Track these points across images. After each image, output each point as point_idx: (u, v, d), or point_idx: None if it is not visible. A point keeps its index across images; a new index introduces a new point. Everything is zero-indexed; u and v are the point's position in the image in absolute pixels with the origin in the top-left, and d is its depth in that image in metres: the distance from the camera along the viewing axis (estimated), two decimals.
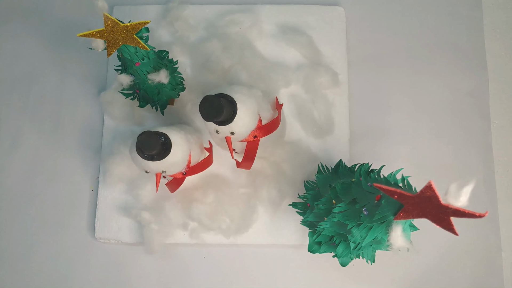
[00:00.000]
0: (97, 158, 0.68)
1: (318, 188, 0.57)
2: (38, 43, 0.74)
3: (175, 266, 0.66)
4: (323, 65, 0.70)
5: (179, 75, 0.64)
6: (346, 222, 0.47)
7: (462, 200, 0.33)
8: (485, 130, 0.70)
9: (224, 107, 0.49)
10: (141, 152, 0.52)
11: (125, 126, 0.69)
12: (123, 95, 0.64)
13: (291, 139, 0.68)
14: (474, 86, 0.71)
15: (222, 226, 0.63)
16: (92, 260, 0.66)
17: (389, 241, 0.42)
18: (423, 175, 0.67)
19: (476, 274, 0.65)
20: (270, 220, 0.65)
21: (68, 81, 0.72)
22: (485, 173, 0.68)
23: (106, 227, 0.65)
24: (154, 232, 0.63)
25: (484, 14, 0.75)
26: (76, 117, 0.71)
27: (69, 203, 0.68)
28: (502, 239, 0.66)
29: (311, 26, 0.72)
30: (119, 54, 0.54)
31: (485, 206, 0.67)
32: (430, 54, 0.72)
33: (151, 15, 0.73)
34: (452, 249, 0.66)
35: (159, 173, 0.56)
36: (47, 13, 0.75)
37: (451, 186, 0.33)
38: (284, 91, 0.69)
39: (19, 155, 0.70)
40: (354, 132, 0.69)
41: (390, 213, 0.40)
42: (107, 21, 0.48)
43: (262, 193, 0.64)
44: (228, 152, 0.64)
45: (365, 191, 0.46)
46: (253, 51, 0.70)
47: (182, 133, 0.56)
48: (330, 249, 0.56)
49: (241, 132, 0.53)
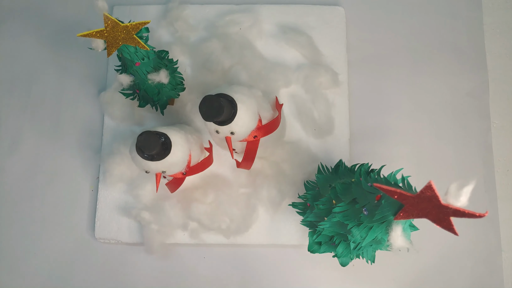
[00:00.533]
0: (97, 158, 0.68)
1: (318, 188, 0.57)
2: (38, 43, 0.74)
3: (175, 266, 0.66)
4: (323, 65, 0.70)
5: (179, 75, 0.64)
6: (346, 222, 0.47)
7: (462, 200, 0.33)
8: (485, 130, 0.70)
9: (224, 107, 0.49)
10: (141, 152, 0.52)
11: (125, 126, 0.69)
12: (123, 95, 0.64)
13: (291, 139, 0.68)
14: (474, 86, 0.71)
15: (222, 226, 0.63)
16: (92, 260, 0.66)
17: (389, 241, 0.42)
18: (423, 175, 0.67)
19: (476, 274, 0.65)
20: (270, 220, 0.65)
21: (68, 81, 0.72)
22: (485, 173, 0.68)
23: (106, 227, 0.65)
24: (154, 232, 0.63)
25: (484, 14, 0.75)
26: (76, 117, 0.71)
27: (69, 203, 0.68)
28: (502, 239, 0.66)
29: (311, 26, 0.72)
30: (119, 54, 0.54)
31: (485, 206, 0.67)
32: (430, 54, 0.72)
33: (151, 15, 0.73)
34: (452, 249, 0.66)
35: (159, 173, 0.56)
36: (47, 13, 0.75)
37: (451, 186, 0.33)
38: (284, 91, 0.69)
39: (19, 155, 0.70)
40: (354, 132, 0.69)
41: (390, 213, 0.40)
42: (107, 21, 0.48)
43: (262, 193, 0.64)
44: (228, 152, 0.64)
45: (365, 191, 0.46)
46: (253, 51, 0.70)
47: (182, 133, 0.56)
48: (330, 249, 0.56)
49: (241, 132, 0.53)
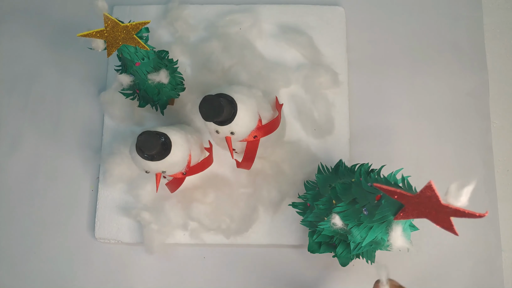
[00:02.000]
0: (97, 158, 0.68)
1: (318, 188, 0.57)
2: (38, 43, 0.74)
3: (175, 266, 0.66)
4: (323, 65, 0.70)
5: (179, 75, 0.64)
6: (346, 222, 0.47)
7: (462, 200, 0.33)
8: (485, 130, 0.70)
9: (224, 107, 0.49)
10: (141, 152, 0.52)
11: (125, 126, 0.69)
12: (123, 95, 0.64)
13: (291, 139, 0.68)
14: (474, 86, 0.71)
15: (222, 226, 0.63)
16: (92, 260, 0.66)
17: (389, 241, 0.42)
18: (423, 175, 0.67)
19: (476, 274, 0.65)
20: (270, 220, 0.65)
21: (68, 81, 0.72)
22: (485, 173, 0.68)
23: (106, 227, 0.65)
24: (154, 232, 0.63)
25: (484, 14, 0.75)
26: (76, 117, 0.71)
27: (69, 203, 0.68)
28: (502, 239, 0.66)
29: (311, 26, 0.72)
30: (119, 54, 0.54)
31: (485, 206, 0.67)
32: (430, 54, 0.72)
33: (151, 15, 0.73)
34: (452, 249, 0.66)
35: (159, 173, 0.56)
36: (47, 13, 0.75)
37: (451, 186, 0.33)
38: (284, 91, 0.69)
39: (19, 155, 0.70)
40: (354, 132, 0.69)
41: (390, 213, 0.40)
42: (107, 21, 0.48)
43: (262, 193, 0.64)
44: (228, 152, 0.64)
45: (365, 191, 0.46)
46: (253, 51, 0.70)
47: (182, 133, 0.56)
48: (330, 249, 0.56)
49: (241, 132, 0.53)
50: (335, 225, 0.47)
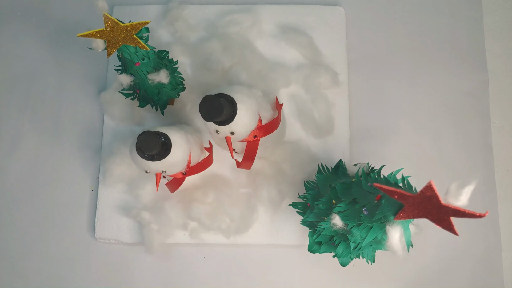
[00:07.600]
0: (97, 158, 0.68)
1: (318, 188, 0.57)
2: (38, 43, 0.74)
3: (175, 266, 0.66)
4: (323, 65, 0.70)
5: (179, 75, 0.64)
6: (346, 222, 0.47)
7: (462, 200, 0.33)
8: (485, 130, 0.70)
9: (224, 107, 0.49)
10: (141, 152, 0.52)
11: (125, 126, 0.69)
12: (123, 95, 0.64)
13: (291, 139, 0.68)
14: (474, 86, 0.71)
15: (222, 226, 0.63)
16: (92, 260, 0.66)
17: (389, 241, 0.42)
18: (423, 175, 0.67)
19: (476, 274, 0.65)
20: (270, 220, 0.65)
21: (68, 81, 0.72)
22: (485, 173, 0.68)
23: (106, 227, 0.65)
24: (154, 232, 0.63)
25: (484, 14, 0.75)
26: (76, 117, 0.71)
27: (69, 203, 0.68)
28: (502, 239, 0.66)
29: (311, 26, 0.72)
30: (119, 54, 0.54)
31: (485, 206, 0.67)
32: (430, 54, 0.72)
33: (151, 15, 0.73)
34: (452, 249, 0.66)
35: (159, 173, 0.56)
36: (47, 13, 0.75)
37: (451, 186, 0.33)
38: (284, 91, 0.69)
39: (19, 155, 0.70)
40: (354, 132, 0.69)
41: (390, 213, 0.40)
42: (107, 21, 0.48)
43: (262, 193, 0.64)
44: (228, 152, 0.64)
45: (365, 191, 0.46)
46: (253, 51, 0.70)
47: (182, 133, 0.56)
48: (330, 249, 0.56)
49: (241, 132, 0.53)
50: (335, 225, 0.47)
